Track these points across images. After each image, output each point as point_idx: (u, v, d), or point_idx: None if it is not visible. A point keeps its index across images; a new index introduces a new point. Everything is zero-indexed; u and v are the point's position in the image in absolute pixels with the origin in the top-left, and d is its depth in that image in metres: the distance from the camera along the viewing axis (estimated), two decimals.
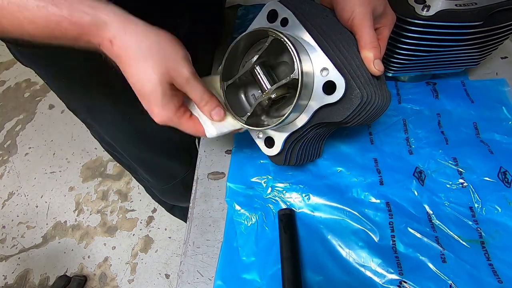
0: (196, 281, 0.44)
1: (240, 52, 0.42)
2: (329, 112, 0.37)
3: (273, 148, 0.43)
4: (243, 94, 0.45)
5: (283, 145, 0.42)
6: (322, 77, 0.35)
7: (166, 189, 0.86)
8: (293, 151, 0.43)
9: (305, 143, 0.43)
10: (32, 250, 1.47)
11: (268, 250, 0.44)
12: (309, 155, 0.46)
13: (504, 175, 0.45)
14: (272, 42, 0.36)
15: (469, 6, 0.44)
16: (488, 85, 0.56)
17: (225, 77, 0.41)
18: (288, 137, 0.41)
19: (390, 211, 0.44)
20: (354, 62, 0.37)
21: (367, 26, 0.36)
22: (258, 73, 0.39)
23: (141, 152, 0.72)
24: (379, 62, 0.37)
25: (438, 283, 0.39)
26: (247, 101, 0.45)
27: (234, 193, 0.49)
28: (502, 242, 0.41)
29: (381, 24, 0.39)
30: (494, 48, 0.51)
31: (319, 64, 0.35)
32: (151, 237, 1.43)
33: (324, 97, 0.35)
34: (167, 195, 0.93)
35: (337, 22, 0.39)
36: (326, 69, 0.35)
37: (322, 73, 0.35)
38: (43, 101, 2.01)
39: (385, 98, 0.40)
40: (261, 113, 0.43)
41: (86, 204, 1.57)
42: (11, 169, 1.73)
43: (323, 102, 0.36)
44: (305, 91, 0.36)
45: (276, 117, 0.43)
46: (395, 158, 0.49)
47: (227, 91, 0.41)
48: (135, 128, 0.64)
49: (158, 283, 1.32)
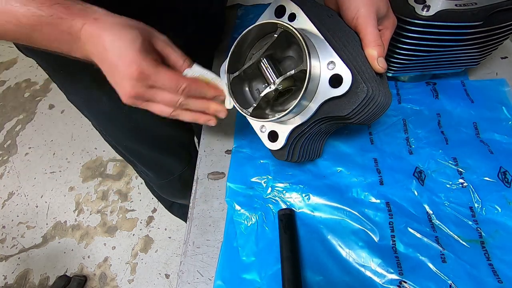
0: (196, 281, 0.44)
1: (247, 45, 0.42)
2: (335, 106, 0.37)
3: (277, 143, 0.42)
4: (247, 88, 0.45)
5: (287, 139, 0.41)
6: (328, 70, 0.35)
7: (163, 184, 0.87)
8: (295, 147, 0.43)
9: (307, 139, 0.43)
10: (32, 250, 1.47)
11: (268, 250, 0.44)
12: (311, 153, 0.46)
13: (504, 175, 0.45)
14: (280, 35, 0.37)
15: (469, 6, 0.44)
16: (488, 85, 0.56)
17: (230, 70, 0.41)
18: (292, 131, 0.41)
19: (390, 211, 0.44)
20: (359, 59, 0.37)
21: (371, 25, 0.37)
22: (265, 66, 0.40)
23: (138, 146, 0.72)
24: (383, 60, 0.37)
25: (438, 283, 0.39)
26: (252, 95, 0.45)
27: (234, 193, 0.49)
28: (502, 242, 0.41)
29: (384, 26, 0.40)
30: (494, 48, 0.51)
31: (326, 57, 0.36)
32: (151, 237, 1.43)
33: (330, 90, 0.36)
34: (165, 190, 0.94)
35: (342, 22, 0.40)
36: (333, 62, 0.35)
37: (329, 66, 0.35)
38: (43, 101, 2.01)
39: (387, 97, 0.40)
40: (266, 107, 0.43)
41: (86, 204, 1.57)
42: (11, 169, 1.73)
43: (329, 95, 0.36)
44: (312, 84, 0.36)
45: (280, 111, 0.42)
46: (395, 158, 0.49)
47: (232, 83, 0.42)
48: (132, 121, 0.64)
49: (158, 283, 1.32)
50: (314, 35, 0.36)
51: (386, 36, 0.41)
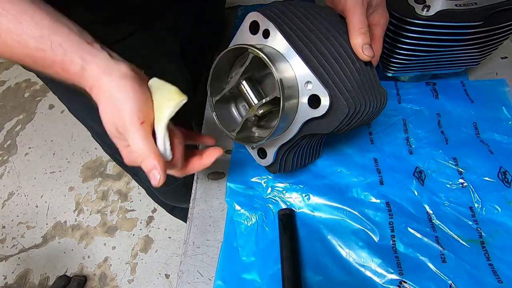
0: (196, 281, 0.44)
1: (225, 68, 0.41)
2: (317, 124, 0.36)
3: (266, 159, 0.43)
4: (233, 107, 0.45)
5: (275, 155, 0.42)
6: (306, 90, 0.34)
7: (167, 191, 0.85)
8: (287, 160, 0.43)
9: (299, 150, 0.43)
10: (32, 250, 1.47)
11: (268, 250, 0.44)
12: (306, 158, 0.46)
13: (504, 175, 0.45)
14: (253, 59, 0.35)
15: (469, 6, 0.44)
16: (488, 85, 0.56)
17: (213, 93, 0.41)
18: (279, 148, 0.41)
19: (390, 211, 0.44)
20: (344, 63, 0.35)
21: (358, 11, 0.35)
22: (244, 88, 0.39)
23: None
24: (368, 47, 0.36)
25: (438, 283, 0.39)
26: (238, 112, 0.45)
27: (234, 193, 0.49)
28: (502, 242, 0.41)
29: (375, 21, 0.39)
30: (494, 48, 0.51)
31: (302, 77, 0.34)
32: (151, 237, 1.43)
33: (310, 111, 0.35)
34: (169, 197, 0.93)
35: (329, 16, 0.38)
36: (310, 82, 0.34)
37: (307, 86, 0.34)
38: (43, 101, 2.01)
39: (379, 100, 0.39)
40: (252, 126, 0.43)
41: (86, 204, 1.57)
42: (11, 169, 1.73)
43: (309, 116, 0.35)
44: (291, 105, 0.35)
45: (266, 127, 0.42)
46: (395, 158, 0.49)
47: (216, 106, 0.41)
48: None
49: (158, 283, 1.32)
50: (291, 52, 0.34)
51: (377, 33, 0.39)
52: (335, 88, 0.33)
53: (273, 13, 0.36)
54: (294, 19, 0.36)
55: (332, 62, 0.35)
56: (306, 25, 0.36)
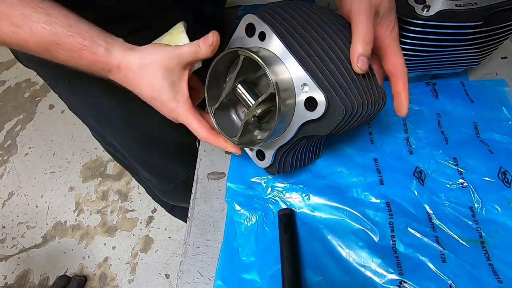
0: (196, 281, 0.44)
1: (220, 74, 0.41)
2: (315, 126, 0.36)
3: (265, 161, 0.43)
4: (233, 113, 0.45)
5: (273, 157, 0.42)
6: (303, 92, 0.34)
7: (167, 189, 0.86)
8: (285, 161, 0.43)
9: (298, 151, 0.43)
10: (32, 250, 1.47)
11: (268, 250, 0.44)
12: (306, 158, 0.46)
13: (504, 175, 0.45)
14: (245, 60, 0.35)
15: (469, 6, 0.44)
16: (488, 85, 0.56)
17: (211, 100, 0.41)
18: (277, 150, 0.41)
19: (390, 211, 0.44)
20: (342, 65, 0.35)
21: (364, 18, 0.34)
22: (241, 91, 0.39)
23: (143, 153, 0.71)
24: (364, 59, 0.34)
25: (438, 283, 0.39)
26: (239, 118, 0.45)
27: (234, 193, 0.49)
28: (502, 242, 0.41)
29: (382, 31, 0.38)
30: (494, 48, 0.51)
31: (299, 79, 0.34)
32: (151, 237, 1.43)
33: (306, 113, 0.34)
34: (168, 196, 0.93)
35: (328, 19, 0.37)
36: (306, 84, 0.33)
37: (303, 88, 0.34)
38: (43, 101, 2.01)
39: (377, 101, 0.38)
40: (253, 129, 0.43)
41: (86, 204, 1.57)
42: (11, 169, 1.74)
43: (306, 118, 0.35)
44: (287, 107, 0.35)
45: (267, 129, 0.42)
46: (395, 158, 0.49)
47: (216, 114, 0.42)
48: (139, 129, 0.64)
49: (158, 283, 1.32)
50: (287, 55, 0.34)
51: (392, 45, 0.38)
52: (331, 90, 0.33)
53: (269, 15, 0.36)
54: (291, 21, 0.36)
55: (329, 64, 0.34)
56: (303, 27, 0.36)
